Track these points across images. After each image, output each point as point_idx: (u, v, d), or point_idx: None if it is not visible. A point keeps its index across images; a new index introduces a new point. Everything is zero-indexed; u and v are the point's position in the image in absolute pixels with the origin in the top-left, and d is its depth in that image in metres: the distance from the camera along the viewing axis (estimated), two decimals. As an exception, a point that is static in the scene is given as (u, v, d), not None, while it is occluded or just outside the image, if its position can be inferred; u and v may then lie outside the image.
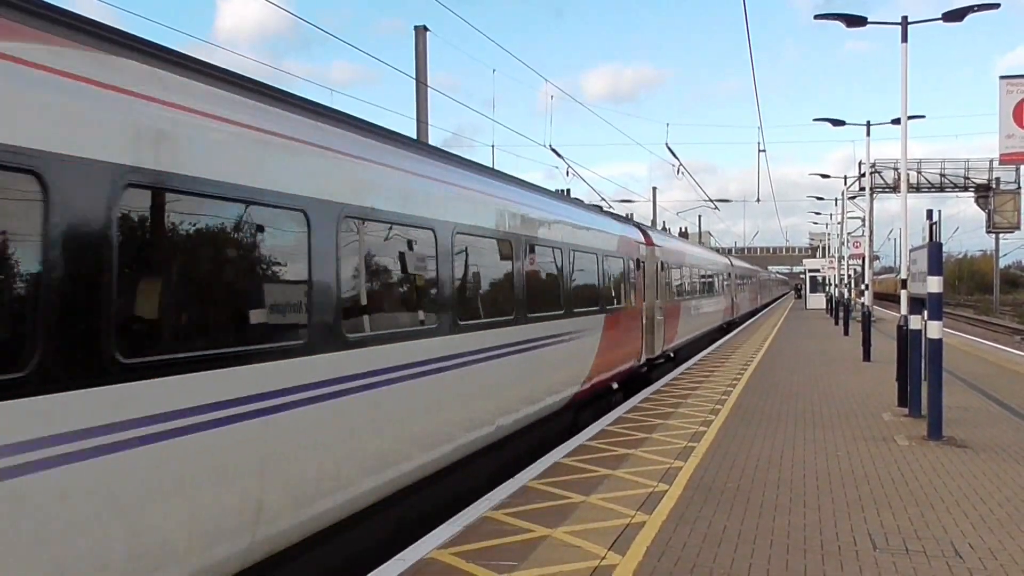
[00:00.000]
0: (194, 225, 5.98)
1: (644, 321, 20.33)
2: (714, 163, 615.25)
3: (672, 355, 24.42)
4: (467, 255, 10.24)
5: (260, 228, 6.52)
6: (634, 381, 19.54)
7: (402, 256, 8.79)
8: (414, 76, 19.72)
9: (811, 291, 72.56)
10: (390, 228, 8.42)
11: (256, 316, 6.46)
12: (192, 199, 5.77)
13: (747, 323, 49.23)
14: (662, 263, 23.03)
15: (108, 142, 5.11)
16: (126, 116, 5.29)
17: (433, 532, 7.85)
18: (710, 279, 34.86)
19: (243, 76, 6.86)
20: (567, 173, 29.84)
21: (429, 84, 19.72)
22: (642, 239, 21.51)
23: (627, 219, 26.19)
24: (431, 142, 19.02)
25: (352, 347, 7.42)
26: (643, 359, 20.31)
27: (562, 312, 13.79)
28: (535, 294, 12.59)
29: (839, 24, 20.51)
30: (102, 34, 5.39)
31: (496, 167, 15.23)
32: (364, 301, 7.95)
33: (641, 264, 20.55)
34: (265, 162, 6.56)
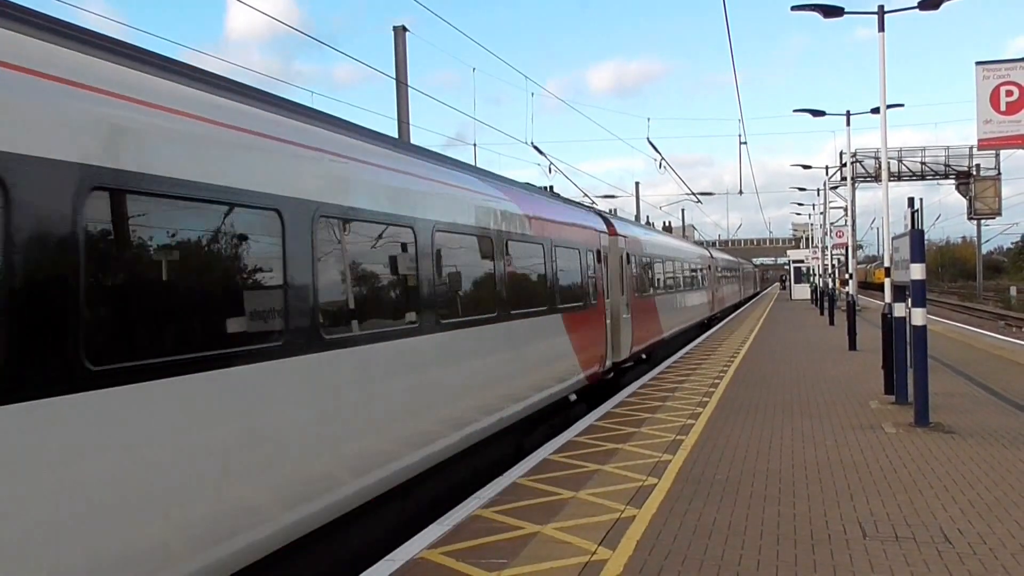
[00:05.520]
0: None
1: (712, 295, 42.26)
2: (711, 155, 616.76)
3: (718, 315, 44.75)
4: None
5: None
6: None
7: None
8: (395, 76, 19.63)
9: (795, 282, 73.00)
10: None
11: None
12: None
13: (737, 312, 49.58)
14: (717, 267, 45.39)
15: None
16: None
17: (422, 532, 7.81)
18: (734, 273, 58.96)
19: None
20: (549, 170, 30.05)
21: (416, 87, 19.64)
22: (709, 254, 43.98)
23: (702, 244, 61.17)
24: (431, 146, 19.26)
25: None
26: (708, 316, 40.47)
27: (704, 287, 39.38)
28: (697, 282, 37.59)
29: (857, 14, 20.35)
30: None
31: (481, 166, 16.27)
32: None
33: (711, 268, 42.31)
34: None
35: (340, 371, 7.43)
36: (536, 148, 29.10)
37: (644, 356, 22.00)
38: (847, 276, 36.41)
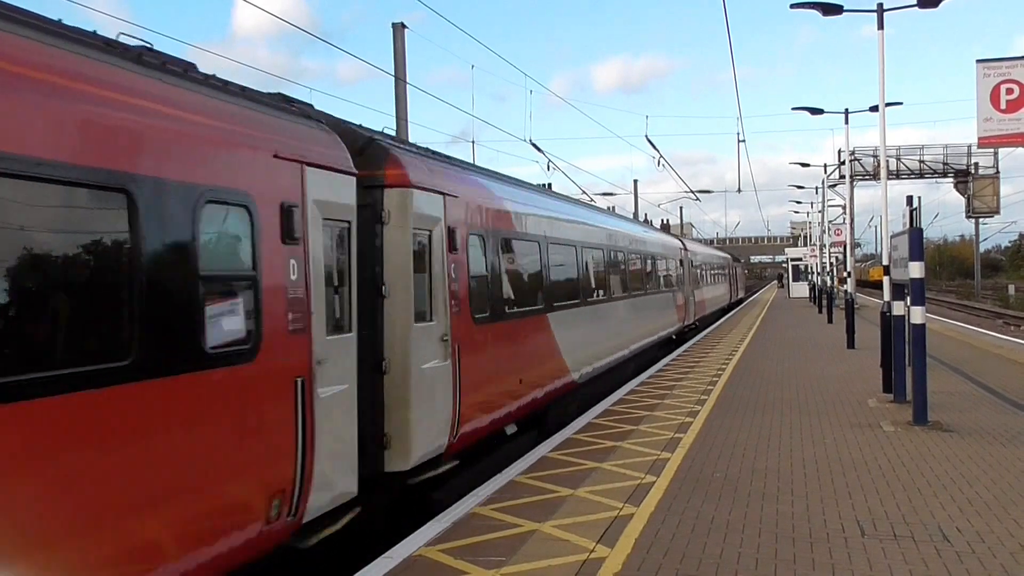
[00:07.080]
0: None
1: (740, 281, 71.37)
2: (713, 153, 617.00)
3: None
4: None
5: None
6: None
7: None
8: (393, 74, 19.59)
9: (794, 280, 73.08)
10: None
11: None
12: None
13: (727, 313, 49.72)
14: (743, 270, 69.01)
15: None
16: None
17: (420, 529, 7.80)
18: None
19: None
20: (547, 167, 30.15)
21: (421, 85, 19.61)
22: (731, 258, 58.32)
23: (735, 255, 76.32)
24: (434, 145, 19.38)
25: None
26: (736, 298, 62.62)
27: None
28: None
29: (856, 12, 20.22)
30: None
31: (481, 164, 16.18)
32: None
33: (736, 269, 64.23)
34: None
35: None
36: (534, 146, 29.16)
37: None
38: (845, 274, 36.40)
